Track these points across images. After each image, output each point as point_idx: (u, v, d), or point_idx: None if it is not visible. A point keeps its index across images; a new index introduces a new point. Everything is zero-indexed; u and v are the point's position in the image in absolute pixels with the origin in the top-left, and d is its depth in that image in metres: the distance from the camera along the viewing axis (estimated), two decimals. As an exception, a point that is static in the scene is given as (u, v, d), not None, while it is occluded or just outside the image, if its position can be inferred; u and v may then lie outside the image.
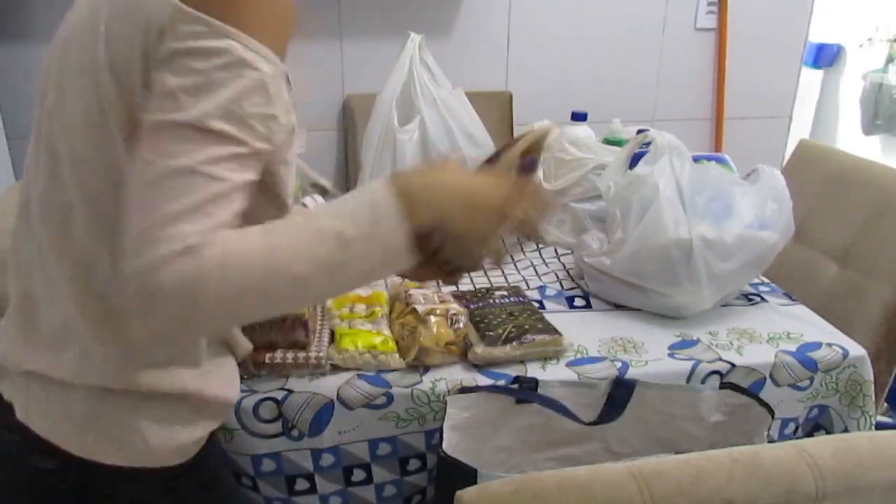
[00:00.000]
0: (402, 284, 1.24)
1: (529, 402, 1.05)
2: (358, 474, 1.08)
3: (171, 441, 0.76)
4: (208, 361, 0.79)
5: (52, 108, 0.71)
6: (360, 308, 1.20)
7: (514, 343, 1.11)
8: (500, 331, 1.13)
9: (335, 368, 1.08)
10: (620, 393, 1.06)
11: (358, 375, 1.07)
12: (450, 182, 0.68)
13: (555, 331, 1.14)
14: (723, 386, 1.06)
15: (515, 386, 1.06)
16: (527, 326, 1.14)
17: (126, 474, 0.74)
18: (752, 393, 1.05)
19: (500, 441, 1.08)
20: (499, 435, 1.07)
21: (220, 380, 0.81)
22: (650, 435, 1.07)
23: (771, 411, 1.00)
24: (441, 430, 1.00)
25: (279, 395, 1.02)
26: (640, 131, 1.46)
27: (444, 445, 0.96)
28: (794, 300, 1.36)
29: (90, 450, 0.73)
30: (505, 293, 1.28)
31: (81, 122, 0.67)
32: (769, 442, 1.06)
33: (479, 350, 1.09)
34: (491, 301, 1.25)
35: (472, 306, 1.22)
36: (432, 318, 1.12)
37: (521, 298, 1.27)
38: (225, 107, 0.58)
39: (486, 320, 1.17)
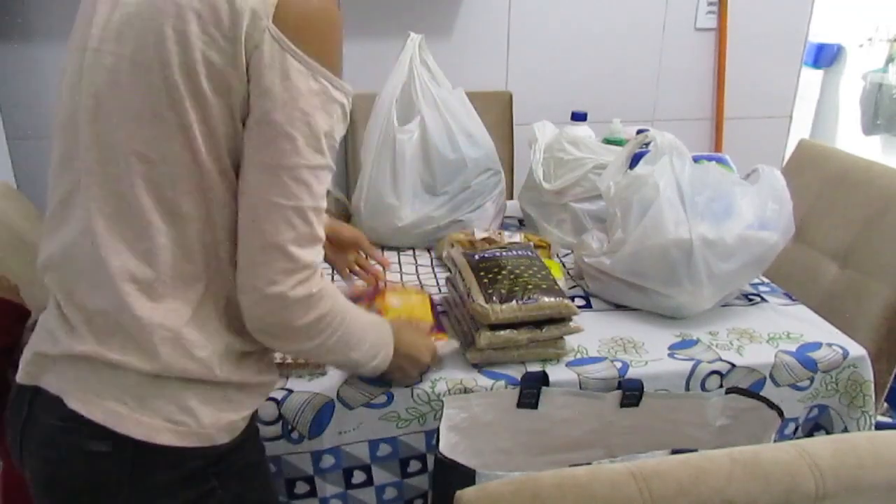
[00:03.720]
0: (401, 283, 1.24)
1: (532, 407, 1.04)
2: (358, 476, 1.08)
3: (221, 419, 0.79)
4: (246, 356, 0.83)
5: (105, 101, 0.74)
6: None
7: (519, 302, 1.07)
8: (503, 289, 1.09)
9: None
10: (629, 398, 1.06)
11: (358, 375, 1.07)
12: (406, 356, 1.01)
13: (562, 294, 1.11)
14: (729, 391, 1.06)
15: (516, 389, 1.05)
16: (531, 285, 1.10)
17: (179, 454, 0.76)
18: (759, 396, 1.04)
19: (500, 444, 1.07)
20: (499, 438, 1.07)
21: (257, 366, 0.85)
22: (655, 440, 1.07)
23: (780, 413, 1.00)
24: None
25: (279, 394, 1.02)
26: (640, 131, 1.46)
27: (442, 446, 0.95)
28: (794, 300, 1.36)
29: (145, 431, 0.75)
30: (514, 248, 1.25)
31: (145, 117, 0.73)
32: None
33: (480, 307, 1.06)
34: (498, 253, 1.21)
35: (475, 256, 1.19)
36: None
37: (529, 252, 1.24)
38: (328, 143, 0.76)
39: (490, 274, 1.14)
